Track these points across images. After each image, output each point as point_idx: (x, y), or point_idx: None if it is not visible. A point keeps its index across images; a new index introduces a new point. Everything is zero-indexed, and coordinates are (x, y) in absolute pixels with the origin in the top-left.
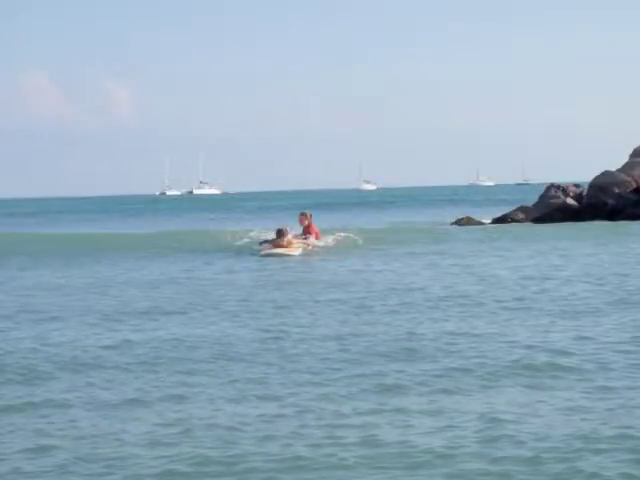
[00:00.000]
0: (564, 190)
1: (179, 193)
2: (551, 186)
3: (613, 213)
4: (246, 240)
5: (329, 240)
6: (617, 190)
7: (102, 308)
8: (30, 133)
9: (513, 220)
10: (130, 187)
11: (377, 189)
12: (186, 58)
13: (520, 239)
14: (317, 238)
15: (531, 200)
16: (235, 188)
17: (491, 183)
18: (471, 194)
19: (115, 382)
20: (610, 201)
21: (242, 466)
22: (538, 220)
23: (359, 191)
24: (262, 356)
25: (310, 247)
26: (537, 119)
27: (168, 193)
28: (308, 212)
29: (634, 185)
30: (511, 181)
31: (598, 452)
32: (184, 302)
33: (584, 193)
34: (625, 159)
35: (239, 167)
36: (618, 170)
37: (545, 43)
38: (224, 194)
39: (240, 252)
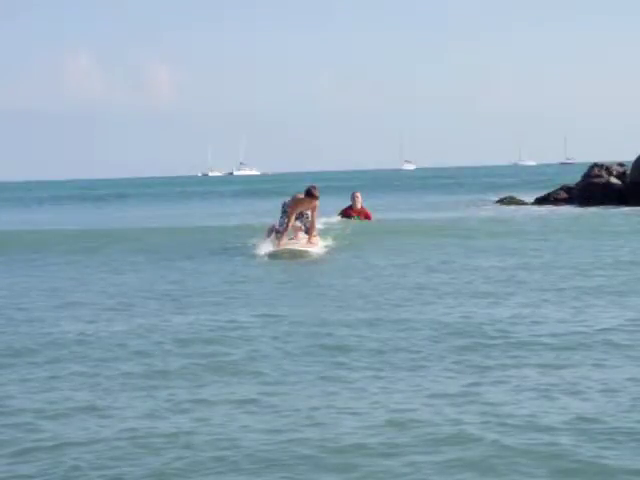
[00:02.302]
0: (607, 169)
1: (220, 174)
2: (594, 165)
3: None
4: None
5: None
6: None
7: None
8: (71, 114)
9: (556, 200)
10: (171, 169)
11: (416, 169)
12: (228, 38)
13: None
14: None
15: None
16: (274, 169)
17: (533, 162)
18: (513, 174)
19: None
20: None
21: None
22: (580, 199)
23: (399, 171)
24: None
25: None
26: (580, 95)
27: (210, 174)
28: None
29: None
30: (554, 160)
31: None
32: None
33: (628, 172)
34: None
35: (279, 148)
36: None
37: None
38: (263, 175)
39: None
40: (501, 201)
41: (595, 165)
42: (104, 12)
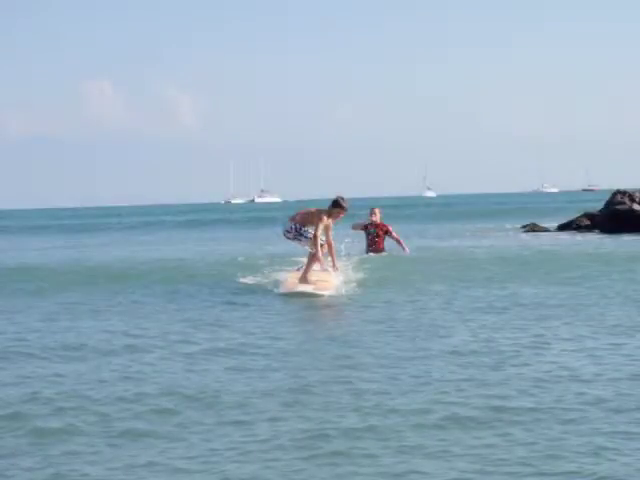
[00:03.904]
0: (630, 196)
1: (243, 201)
2: (617, 192)
3: None
4: None
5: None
6: None
7: None
8: (92, 142)
9: (579, 226)
10: (192, 196)
11: (437, 196)
12: (249, 64)
13: None
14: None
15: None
16: (295, 196)
17: (555, 190)
18: (535, 201)
19: None
20: None
21: None
22: (603, 226)
23: (422, 198)
24: None
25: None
26: (603, 122)
27: (233, 202)
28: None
29: None
30: (576, 187)
31: None
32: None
33: None
34: None
35: (299, 175)
36: None
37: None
38: (284, 202)
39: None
40: (524, 228)
41: (618, 192)
42: (122, 40)
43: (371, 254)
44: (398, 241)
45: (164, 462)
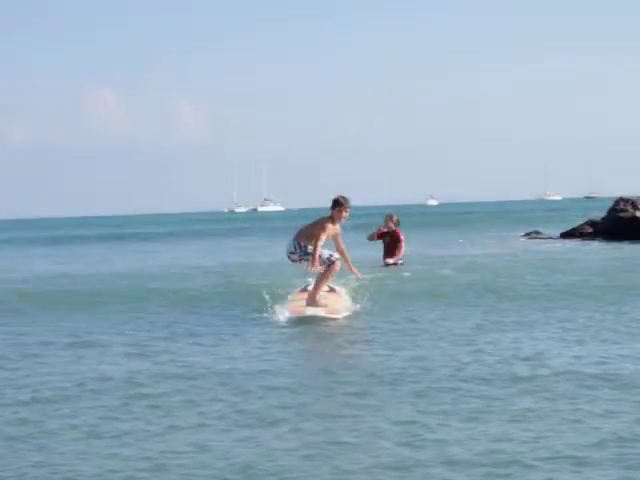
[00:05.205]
0: (633, 203)
1: (246, 210)
2: (620, 199)
3: None
4: None
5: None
6: None
7: None
8: (93, 150)
9: (582, 234)
10: (193, 204)
11: (440, 204)
12: (250, 71)
13: None
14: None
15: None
16: (298, 204)
17: (558, 197)
18: (539, 209)
19: None
20: None
21: None
22: (607, 234)
23: (424, 207)
24: None
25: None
26: (606, 129)
27: (237, 210)
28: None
29: None
30: (579, 195)
31: None
32: None
33: None
34: None
35: (302, 183)
36: None
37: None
38: (287, 210)
39: None
40: (527, 235)
41: (621, 199)
42: (123, 47)
43: (388, 260)
44: (399, 250)
45: (164, 462)
